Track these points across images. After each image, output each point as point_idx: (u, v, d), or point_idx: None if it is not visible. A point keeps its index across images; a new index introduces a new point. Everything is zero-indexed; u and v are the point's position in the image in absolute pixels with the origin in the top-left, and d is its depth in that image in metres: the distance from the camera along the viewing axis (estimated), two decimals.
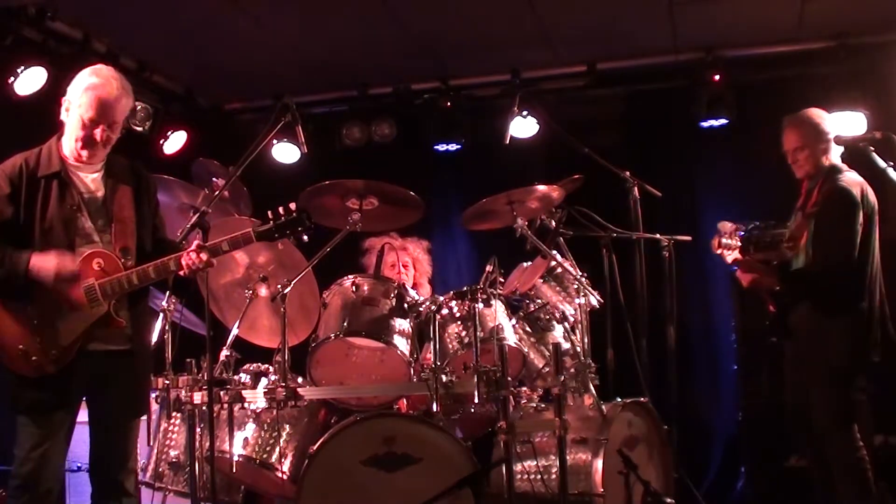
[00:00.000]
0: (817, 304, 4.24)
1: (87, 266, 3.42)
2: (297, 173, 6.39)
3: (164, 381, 4.16)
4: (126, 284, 3.44)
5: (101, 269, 3.43)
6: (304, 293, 4.38)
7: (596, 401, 4.28)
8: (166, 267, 3.47)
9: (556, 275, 4.77)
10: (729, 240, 4.35)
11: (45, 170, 3.47)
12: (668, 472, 4.56)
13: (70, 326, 3.41)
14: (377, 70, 6.58)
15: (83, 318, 3.43)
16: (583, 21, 5.87)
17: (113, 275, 3.43)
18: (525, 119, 6.30)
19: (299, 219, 3.58)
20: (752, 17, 5.80)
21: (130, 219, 3.56)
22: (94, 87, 3.46)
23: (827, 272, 4.22)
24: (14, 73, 5.16)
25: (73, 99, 3.49)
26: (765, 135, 4.72)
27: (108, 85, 3.48)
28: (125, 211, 3.55)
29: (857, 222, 4.18)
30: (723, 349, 6.28)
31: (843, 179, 4.26)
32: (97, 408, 3.56)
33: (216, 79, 6.62)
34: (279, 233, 3.59)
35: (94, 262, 3.43)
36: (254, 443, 4.30)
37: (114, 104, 3.48)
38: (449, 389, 4.05)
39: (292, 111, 4.10)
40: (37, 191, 3.44)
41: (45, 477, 3.39)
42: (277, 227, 3.57)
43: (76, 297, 3.41)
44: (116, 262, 3.45)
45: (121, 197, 3.56)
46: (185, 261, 3.46)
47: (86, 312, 3.42)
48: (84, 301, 3.41)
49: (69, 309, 3.41)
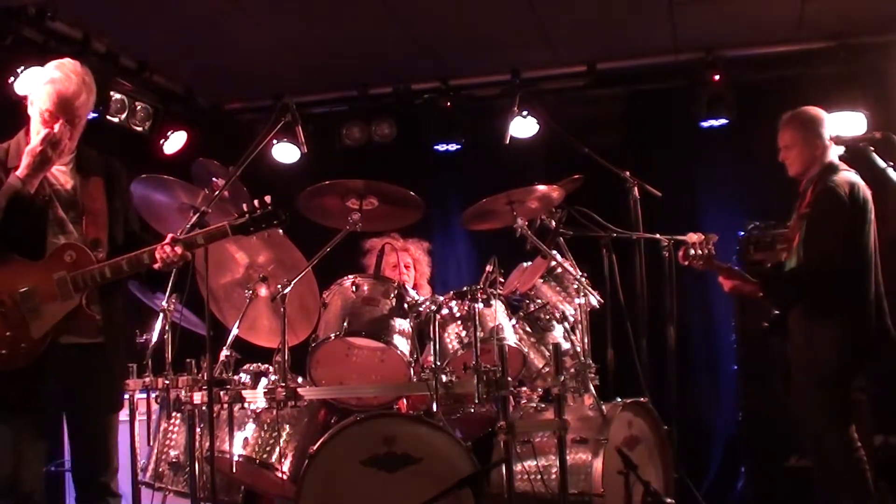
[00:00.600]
0: (804, 308, 4.25)
1: (58, 258, 3.39)
2: (297, 173, 6.39)
3: (164, 381, 4.16)
4: (99, 277, 3.40)
5: (72, 261, 3.39)
6: (304, 293, 4.38)
7: (596, 401, 4.28)
8: (140, 260, 3.44)
9: (556, 275, 4.77)
10: (697, 250, 4.36)
11: (15, 161, 3.44)
12: (668, 472, 4.56)
13: (41, 319, 3.36)
14: (377, 70, 6.58)
15: (54, 311, 3.38)
16: (583, 21, 5.87)
17: (85, 267, 3.39)
18: (525, 119, 6.30)
19: (274, 212, 3.58)
20: (752, 17, 5.80)
21: (102, 211, 3.53)
22: (53, 80, 3.44)
23: (812, 275, 4.22)
24: (14, 73, 5.15)
25: (33, 91, 3.47)
26: (765, 135, 4.71)
27: (68, 80, 3.45)
28: (96, 203, 3.52)
29: (843, 225, 4.17)
30: (723, 349, 6.28)
31: (833, 180, 4.24)
32: (71, 406, 3.50)
33: (216, 79, 6.62)
34: (255, 226, 3.58)
35: (66, 255, 3.40)
36: (254, 443, 4.30)
37: (72, 99, 3.44)
38: (449, 389, 4.05)
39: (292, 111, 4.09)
40: None
41: (24, 479, 3.34)
42: (253, 220, 3.56)
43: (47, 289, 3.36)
44: (89, 254, 3.42)
45: (92, 189, 3.54)
46: (159, 254, 3.44)
47: (57, 305, 3.38)
48: (56, 293, 3.37)
49: (40, 301, 3.37)
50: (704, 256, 4.36)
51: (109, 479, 3.53)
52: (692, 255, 4.38)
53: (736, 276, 4.43)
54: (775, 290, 4.36)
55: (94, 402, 3.50)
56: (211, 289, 3.84)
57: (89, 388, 3.47)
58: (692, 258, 4.38)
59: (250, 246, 4.43)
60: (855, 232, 4.19)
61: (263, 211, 3.57)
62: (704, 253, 4.36)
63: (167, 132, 6.37)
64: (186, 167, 4.71)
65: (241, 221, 3.57)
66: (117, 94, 5.96)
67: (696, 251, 4.36)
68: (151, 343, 4.21)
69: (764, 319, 4.62)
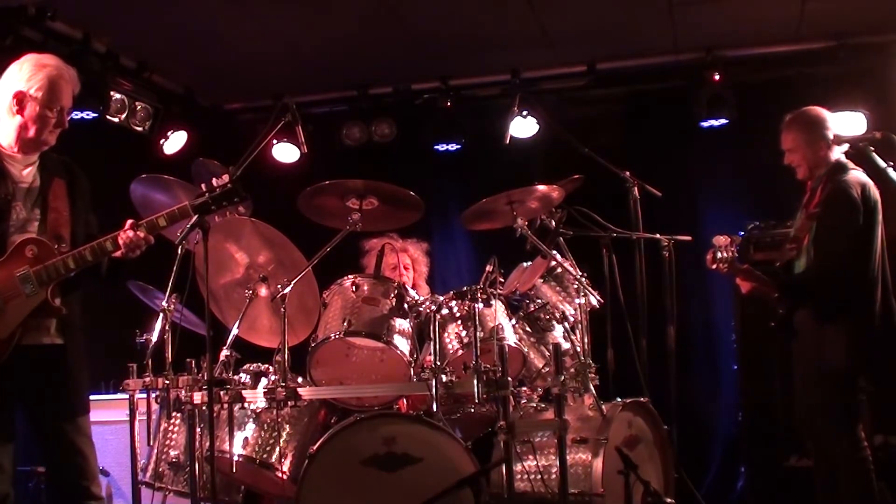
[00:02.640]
0: (815, 310, 4.23)
1: (19, 254, 3.36)
2: (297, 173, 6.39)
3: (164, 381, 4.16)
4: (63, 269, 3.37)
5: (34, 256, 3.37)
6: (304, 293, 4.38)
7: (596, 401, 4.28)
8: (103, 248, 3.42)
9: (556, 275, 4.77)
10: (724, 253, 4.32)
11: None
12: (668, 472, 4.56)
13: (6, 317, 3.33)
14: (377, 70, 6.58)
15: (20, 308, 3.34)
16: (583, 21, 5.87)
17: (47, 261, 3.36)
18: (525, 119, 6.30)
19: (234, 189, 3.56)
20: (752, 17, 5.80)
21: (65, 208, 3.51)
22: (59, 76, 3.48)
23: (823, 278, 4.20)
24: None
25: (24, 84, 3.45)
26: (765, 135, 4.72)
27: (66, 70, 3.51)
28: (59, 201, 3.50)
29: (856, 226, 4.16)
30: (723, 349, 6.28)
31: (844, 179, 4.23)
32: (34, 412, 3.46)
33: (216, 79, 6.62)
34: (215, 204, 3.56)
35: (27, 250, 3.37)
36: (254, 443, 4.30)
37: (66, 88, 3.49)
38: (449, 389, 4.04)
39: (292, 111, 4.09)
40: None
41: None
42: (213, 198, 3.55)
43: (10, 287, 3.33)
44: (50, 247, 3.39)
45: (56, 188, 3.52)
46: (121, 239, 3.41)
47: (22, 301, 3.34)
48: (20, 290, 3.34)
49: (4, 300, 3.33)
50: (730, 259, 4.29)
51: (90, 483, 3.47)
52: (720, 258, 4.30)
53: (754, 277, 4.37)
54: (792, 292, 4.33)
55: (58, 405, 3.45)
56: (211, 289, 3.83)
57: (52, 392, 3.43)
58: (720, 261, 4.30)
59: (250, 246, 4.44)
60: (866, 233, 4.18)
61: (223, 188, 3.55)
62: (730, 256, 4.29)
63: (167, 132, 6.37)
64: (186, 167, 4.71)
65: (201, 200, 3.54)
66: (117, 94, 5.96)
67: (724, 254, 4.29)
68: (151, 343, 4.21)
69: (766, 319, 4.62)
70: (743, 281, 4.41)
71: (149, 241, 3.47)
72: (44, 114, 3.45)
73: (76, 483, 3.45)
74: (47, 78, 3.47)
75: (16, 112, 3.46)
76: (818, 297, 4.22)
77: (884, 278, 4.24)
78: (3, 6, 5.15)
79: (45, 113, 3.45)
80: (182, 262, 4.20)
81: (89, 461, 3.51)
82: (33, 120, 3.45)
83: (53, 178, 3.54)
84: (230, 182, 3.56)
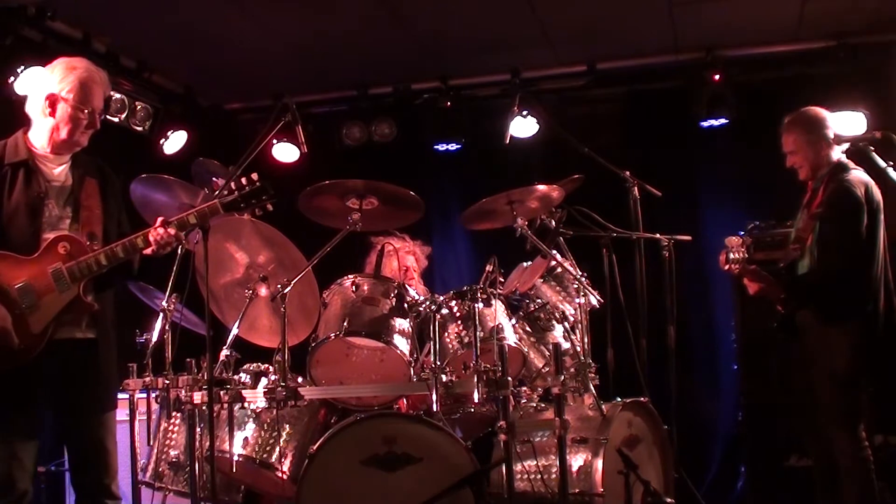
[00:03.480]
0: (821, 311, 4.23)
1: (52, 251, 3.40)
2: (297, 173, 6.39)
3: (164, 380, 4.16)
4: (95, 266, 3.41)
5: (67, 252, 3.40)
6: (304, 293, 4.38)
7: (596, 401, 4.28)
8: (134, 245, 3.46)
9: (556, 275, 4.77)
10: (736, 254, 4.31)
11: (13, 157, 3.49)
12: (668, 472, 4.56)
13: (39, 313, 3.36)
14: (377, 70, 6.58)
15: (53, 304, 3.38)
16: (583, 21, 5.87)
17: (80, 257, 3.40)
18: (525, 119, 6.30)
19: (263, 188, 3.59)
20: (752, 17, 5.80)
21: (97, 207, 3.56)
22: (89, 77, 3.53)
23: (830, 279, 4.20)
24: (14, 73, 5.15)
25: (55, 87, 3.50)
26: (765, 135, 4.72)
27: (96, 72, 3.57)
28: (91, 200, 3.55)
29: (861, 225, 4.15)
30: (723, 349, 6.28)
31: (847, 179, 4.23)
32: (64, 404, 3.48)
33: (216, 79, 6.62)
34: (245, 203, 3.58)
35: (60, 246, 3.41)
36: (254, 443, 4.30)
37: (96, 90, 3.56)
38: (449, 389, 4.04)
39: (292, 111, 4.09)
40: (2, 178, 3.45)
41: (18, 478, 3.35)
42: (243, 196, 3.57)
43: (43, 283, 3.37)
44: (83, 244, 3.44)
45: (88, 187, 3.57)
46: (152, 236, 3.45)
47: (55, 297, 3.38)
48: (52, 286, 3.37)
49: (37, 296, 3.37)
50: (741, 260, 4.29)
51: (110, 481, 3.50)
52: (732, 258, 4.29)
53: (762, 278, 4.36)
54: (799, 292, 4.32)
55: (87, 400, 3.49)
56: (211, 289, 3.84)
57: (82, 386, 3.47)
58: (732, 262, 4.30)
59: (250, 246, 4.44)
60: (869, 233, 4.18)
61: (252, 187, 3.57)
62: (742, 257, 4.28)
63: (167, 132, 6.37)
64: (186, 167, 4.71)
65: (231, 198, 3.56)
66: (117, 94, 5.96)
67: (736, 255, 4.29)
68: (151, 343, 4.21)
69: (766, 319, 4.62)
70: (751, 282, 4.39)
71: (179, 239, 3.52)
72: (75, 115, 3.52)
73: (98, 480, 3.48)
74: (78, 80, 3.52)
75: (48, 114, 3.51)
76: (824, 297, 4.21)
77: (886, 279, 4.24)
78: (3, 6, 5.15)
79: (76, 114, 3.52)
80: (182, 261, 4.21)
81: (112, 458, 3.54)
82: (65, 121, 3.52)
83: (85, 177, 3.59)
84: (259, 181, 3.59)
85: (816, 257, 4.23)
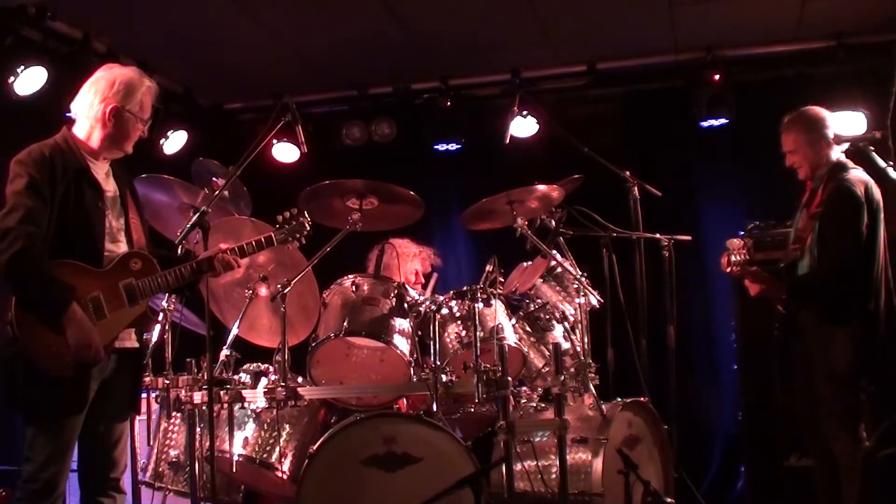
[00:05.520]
0: (823, 310, 4.22)
1: (124, 266, 3.45)
2: (297, 173, 6.39)
3: (164, 381, 4.16)
4: (164, 285, 3.51)
5: (138, 268, 3.47)
6: (304, 293, 4.38)
7: (596, 401, 4.28)
8: (201, 267, 3.61)
9: (556, 274, 4.77)
10: (738, 256, 4.31)
11: (72, 163, 3.43)
12: (668, 472, 4.56)
13: (110, 325, 3.40)
14: (377, 70, 6.58)
15: (123, 317, 3.44)
16: (583, 21, 5.87)
17: (150, 274, 3.48)
18: (525, 119, 6.30)
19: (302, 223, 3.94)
20: (752, 17, 5.80)
21: (136, 216, 3.60)
22: (148, 89, 3.62)
23: (831, 279, 4.19)
24: (14, 73, 5.15)
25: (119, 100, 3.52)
26: (765, 135, 4.71)
27: (154, 86, 3.67)
28: (133, 210, 3.60)
29: (862, 224, 4.14)
30: (723, 349, 6.28)
31: (847, 178, 4.22)
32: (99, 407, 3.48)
33: (216, 79, 6.62)
34: (291, 237, 3.93)
35: (133, 263, 3.47)
36: (254, 443, 4.30)
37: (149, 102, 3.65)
38: (449, 389, 4.05)
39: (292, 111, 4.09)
40: (67, 186, 3.38)
41: (62, 482, 3.38)
42: (289, 231, 3.91)
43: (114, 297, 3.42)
44: (153, 262, 3.51)
45: (128, 196, 3.60)
46: (217, 262, 3.62)
47: (125, 311, 3.44)
48: (123, 300, 3.42)
49: (108, 309, 3.40)
50: (742, 262, 4.29)
51: (119, 476, 3.56)
52: (734, 261, 4.29)
53: (764, 279, 4.35)
54: (801, 293, 4.31)
55: (123, 404, 3.56)
56: (211, 289, 3.84)
57: (123, 392, 3.53)
58: (734, 264, 4.30)
59: None
60: (869, 233, 4.17)
61: (296, 222, 3.93)
62: (743, 259, 4.28)
63: (167, 132, 6.37)
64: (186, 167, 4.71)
65: (283, 234, 3.91)
66: None
67: (737, 257, 4.29)
68: (151, 343, 4.22)
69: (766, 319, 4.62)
70: (752, 283, 4.38)
71: (238, 265, 3.73)
72: (138, 128, 3.58)
73: (107, 475, 3.52)
74: (143, 95, 3.59)
75: (111, 126, 3.52)
76: (825, 297, 4.21)
77: (887, 278, 4.24)
78: (3, 6, 5.15)
79: (139, 127, 3.59)
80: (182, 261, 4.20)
81: (125, 456, 3.61)
82: (127, 134, 3.56)
83: (124, 188, 3.61)
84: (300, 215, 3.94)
85: (817, 257, 4.23)
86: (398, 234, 5.14)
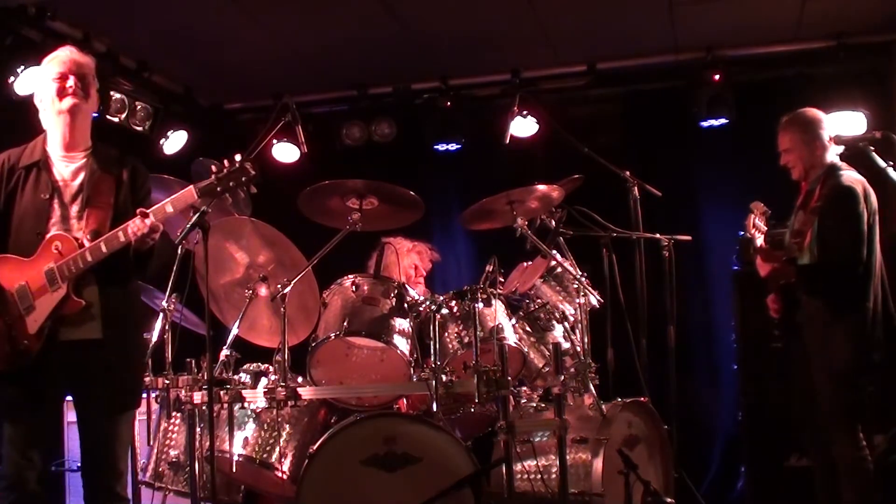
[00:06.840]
0: (827, 302, 4.22)
1: (47, 251, 3.40)
2: (297, 173, 6.39)
3: (164, 380, 4.16)
4: (81, 262, 3.38)
5: (59, 251, 3.40)
6: (304, 293, 4.38)
7: (596, 401, 4.28)
8: (116, 238, 3.39)
9: (556, 274, 4.77)
10: (760, 221, 4.33)
11: (27, 160, 3.50)
12: (668, 472, 4.56)
13: (35, 313, 3.38)
14: (377, 70, 6.58)
15: (47, 303, 3.39)
16: (583, 21, 5.87)
17: (69, 255, 3.39)
18: (525, 119, 6.30)
19: (241, 168, 3.48)
20: (752, 17, 5.80)
21: (108, 205, 3.51)
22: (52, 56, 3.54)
23: (836, 270, 4.20)
24: (14, 73, 5.15)
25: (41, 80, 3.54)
26: (765, 135, 4.72)
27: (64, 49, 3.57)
28: (104, 197, 3.52)
29: (862, 222, 4.15)
30: (723, 349, 6.28)
31: (845, 177, 4.24)
32: (77, 406, 3.50)
33: (216, 79, 6.62)
34: (222, 186, 3.48)
35: (53, 246, 3.41)
36: (254, 443, 4.30)
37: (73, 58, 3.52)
38: (449, 389, 4.05)
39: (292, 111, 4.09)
40: (17, 181, 3.47)
41: (28, 479, 3.35)
42: (219, 180, 3.48)
43: (39, 283, 3.38)
44: (73, 242, 3.41)
45: (100, 184, 3.53)
46: (130, 229, 3.38)
47: (48, 297, 3.38)
48: (46, 286, 3.38)
49: (33, 296, 3.38)
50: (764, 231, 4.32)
51: (114, 483, 3.46)
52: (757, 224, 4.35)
53: (774, 258, 4.34)
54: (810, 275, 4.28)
55: (97, 402, 3.46)
56: (211, 289, 3.84)
57: (91, 388, 3.45)
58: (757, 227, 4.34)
59: (250, 246, 4.44)
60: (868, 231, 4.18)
61: (229, 169, 3.49)
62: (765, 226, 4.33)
63: (167, 132, 6.37)
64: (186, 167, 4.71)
65: (207, 183, 3.49)
66: (117, 94, 5.95)
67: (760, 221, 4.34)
68: (151, 343, 4.21)
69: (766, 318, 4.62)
70: (763, 262, 4.39)
71: (156, 229, 3.41)
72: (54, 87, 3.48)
73: (100, 482, 3.46)
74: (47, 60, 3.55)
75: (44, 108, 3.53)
76: (831, 286, 4.21)
77: (882, 279, 4.24)
78: (3, 6, 5.15)
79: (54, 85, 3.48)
80: (182, 261, 4.21)
81: (116, 461, 3.48)
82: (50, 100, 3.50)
83: (102, 173, 3.54)
84: (239, 162, 3.49)
85: (816, 254, 4.23)
86: (393, 233, 5.13)
